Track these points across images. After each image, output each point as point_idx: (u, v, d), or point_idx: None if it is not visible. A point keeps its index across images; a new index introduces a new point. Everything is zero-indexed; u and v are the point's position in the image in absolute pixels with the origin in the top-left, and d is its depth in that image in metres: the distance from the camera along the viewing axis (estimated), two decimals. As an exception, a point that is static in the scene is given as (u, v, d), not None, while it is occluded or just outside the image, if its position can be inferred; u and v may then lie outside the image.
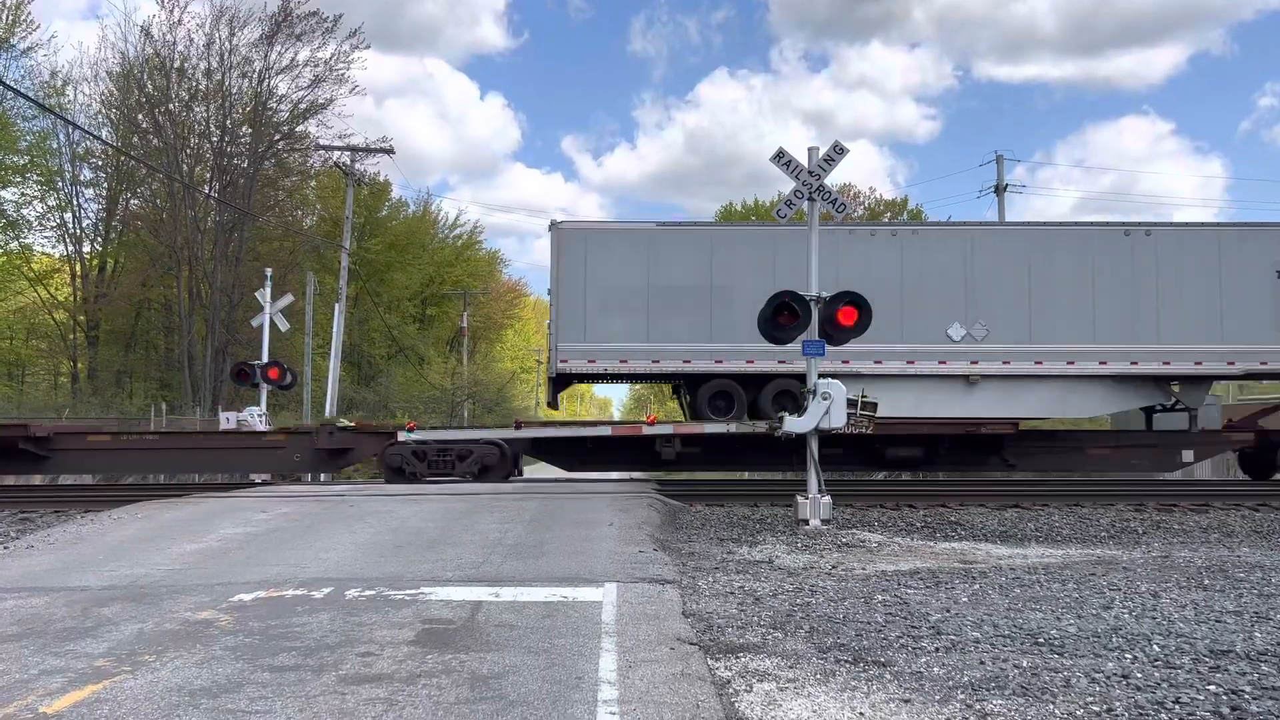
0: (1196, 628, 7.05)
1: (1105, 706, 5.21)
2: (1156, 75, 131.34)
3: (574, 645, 6.23)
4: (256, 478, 20.33)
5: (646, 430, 18.11)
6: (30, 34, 36.66)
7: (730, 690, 5.49)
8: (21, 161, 36.02)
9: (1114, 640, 6.67)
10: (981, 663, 6.06)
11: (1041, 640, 6.66)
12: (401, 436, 17.76)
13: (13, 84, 34.08)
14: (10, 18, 36.02)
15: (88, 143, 37.47)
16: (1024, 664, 6.03)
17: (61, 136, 37.74)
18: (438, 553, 9.80)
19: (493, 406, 51.59)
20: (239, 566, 9.19)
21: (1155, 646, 6.49)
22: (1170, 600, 8.12)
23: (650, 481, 18.68)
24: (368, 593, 7.86)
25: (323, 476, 22.35)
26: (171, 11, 37.39)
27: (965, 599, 8.18)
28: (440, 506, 13.51)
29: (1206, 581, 9.04)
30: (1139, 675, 5.79)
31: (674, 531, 12.47)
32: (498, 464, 17.98)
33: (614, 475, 19.06)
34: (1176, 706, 5.20)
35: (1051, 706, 5.22)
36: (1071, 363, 18.47)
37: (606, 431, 18.65)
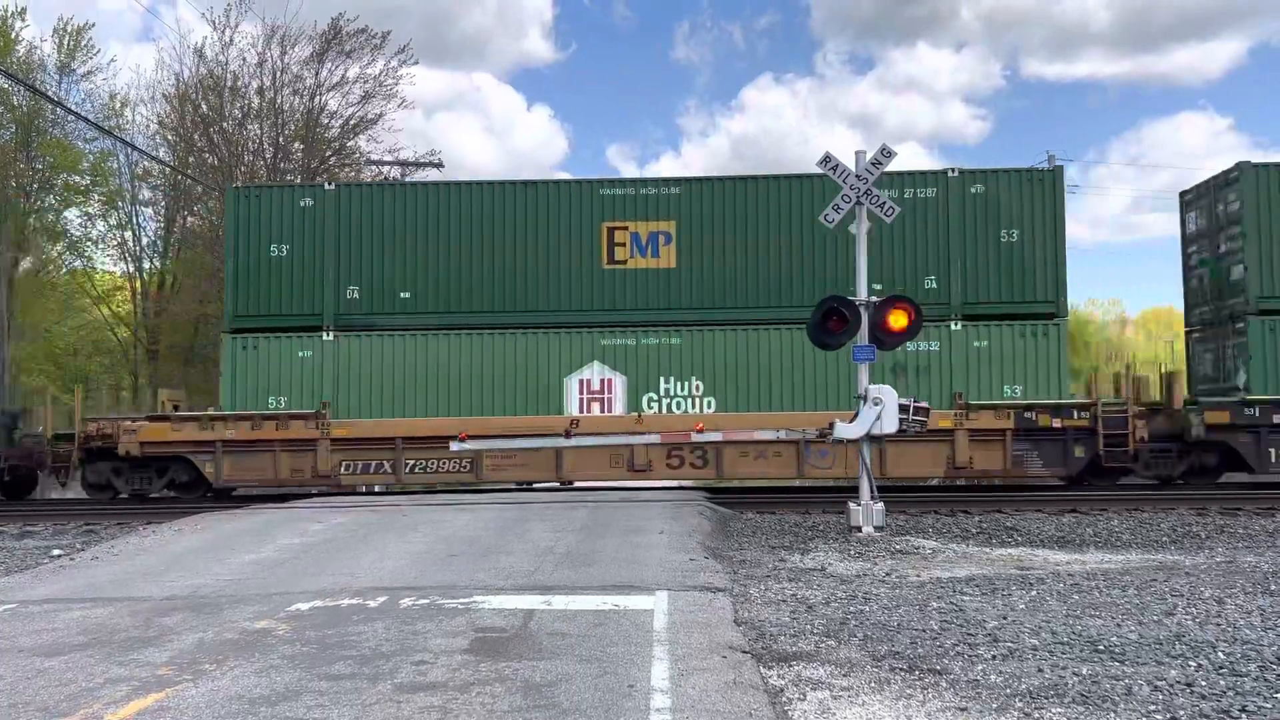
0: (1263, 634, 6.87)
1: (1169, 715, 5.10)
2: (1215, 69, 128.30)
3: (626, 653, 6.24)
4: (313, 488, 20.58)
5: (695, 437, 18.08)
6: (90, 59, 37.63)
7: (783, 699, 5.46)
8: (84, 182, 36.94)
9: (1177, 647, 6.52)
10: (1040, 670, 5.96)
11: (1101, 647, 6.53)
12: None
13: (74, 107, 35.04)
14: (72, 43, 37.00)
15: (146, 163, 38.35)
16: (1084, 671, 5.92)
17: (121, 157, 38.67)
18: (490, 561, 9.87)
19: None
20: (296, 576, 9.33)
21: (1220, 654, 6.33)
22: (1235, 606, 7.92)
23: (700, 489, 18.64)
24: (421, 601, 7.94)
25: (376, 487, 22.57)
26: (223, 32, 38.17)
27: (1022, 605, 8.05)
28: (492, 515, 13.61)
29: (1273, 587, 8.80)
30: (1203, 683, 5.65)
31: (725, 539, 12.43)
32: None
33: (663, 483, 19.02)
34: (1243, 715, 5.08)
35: (1113, 715, 5.12)
36: None
37: (656, 439, 18.63)
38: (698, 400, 17.77)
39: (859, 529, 12.73)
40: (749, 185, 18.22)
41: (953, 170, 18.14)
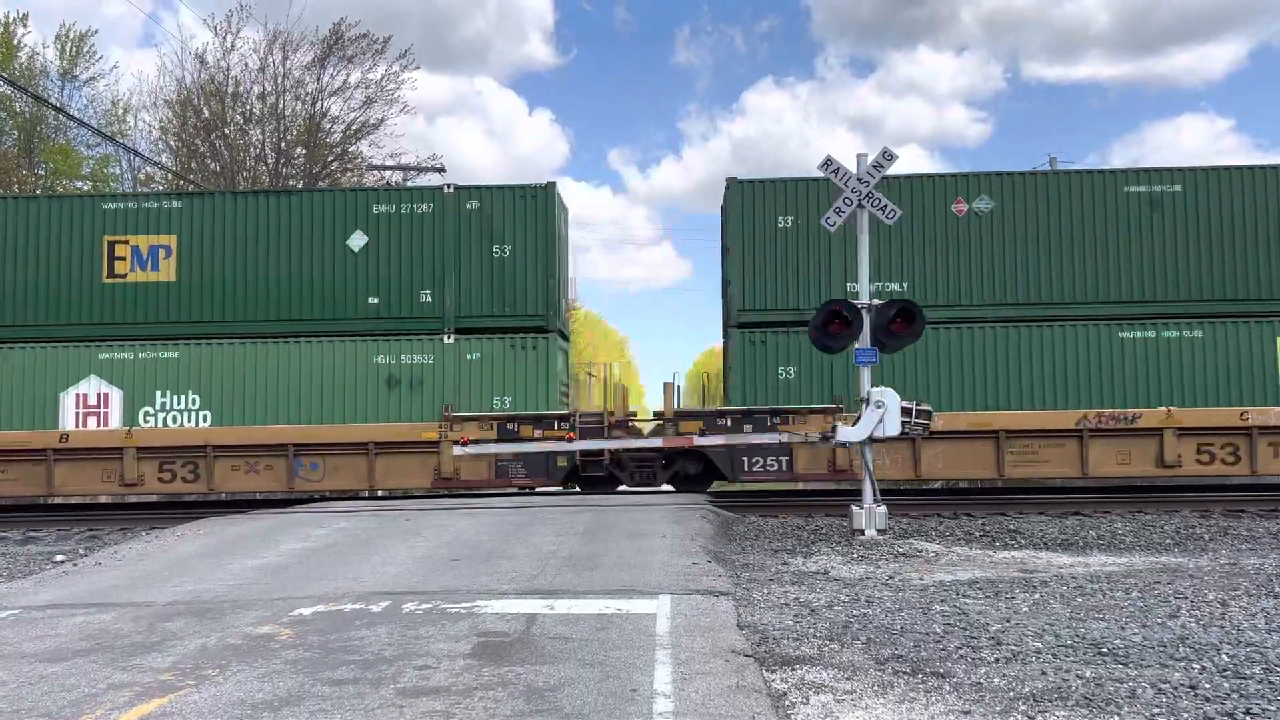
0: (1267, 636, 6.86)
1: (1173, 718, 5.09)
2: (1215, 71, 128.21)
3: (629, 658, 6.23)
4: (315, 493, 20.59)
5: (698, 442, 18.08)
6: (93, 65, 37.78)
7: (787, 703, 5.45)
8: (84, 187, 37.03)
9: (1181, 650, 6.51)
10: (1043, 673, 5.95)
11: (1105, 650, 6.52)
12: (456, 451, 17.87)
13: (76, 113, 35.14)
14: (74, 49, 37.12)
15: (149, 169, 38.44)
16: (1087, 674, 5.91)
17: (124, 163, 38.81)
18: (493, 566, 9.87)
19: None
20: (298, 581, 9.34)
21: (1224, 656, 6.32)
22: (1239, 609, 7.91)
23: (703, 493, 18.62)
24: (424, 606, 7.94)
25: (379, 493, 22.57)
26: (225, 38, 38.22)
27: (1026, 608, 8.04)
28: (495, 520, 13.61)
29: (1277, 589, 8.79)
30: (1207, 686, 5.64)
31: (727, 543, 12.42)
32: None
33: (666, 487, 19.01)
34: (1247, 718, 5.07)
35: (1116, 718, 5.11)
36: None
37: (658, 443, 18.63)
38: (194, 414, 17.79)
39: (862, 532, 12.72)
40: (251, 200, 18.43)
41: (448, 187, 18.47)
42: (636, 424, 18.48)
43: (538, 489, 18.61)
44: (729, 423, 17.37)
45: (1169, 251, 17.49)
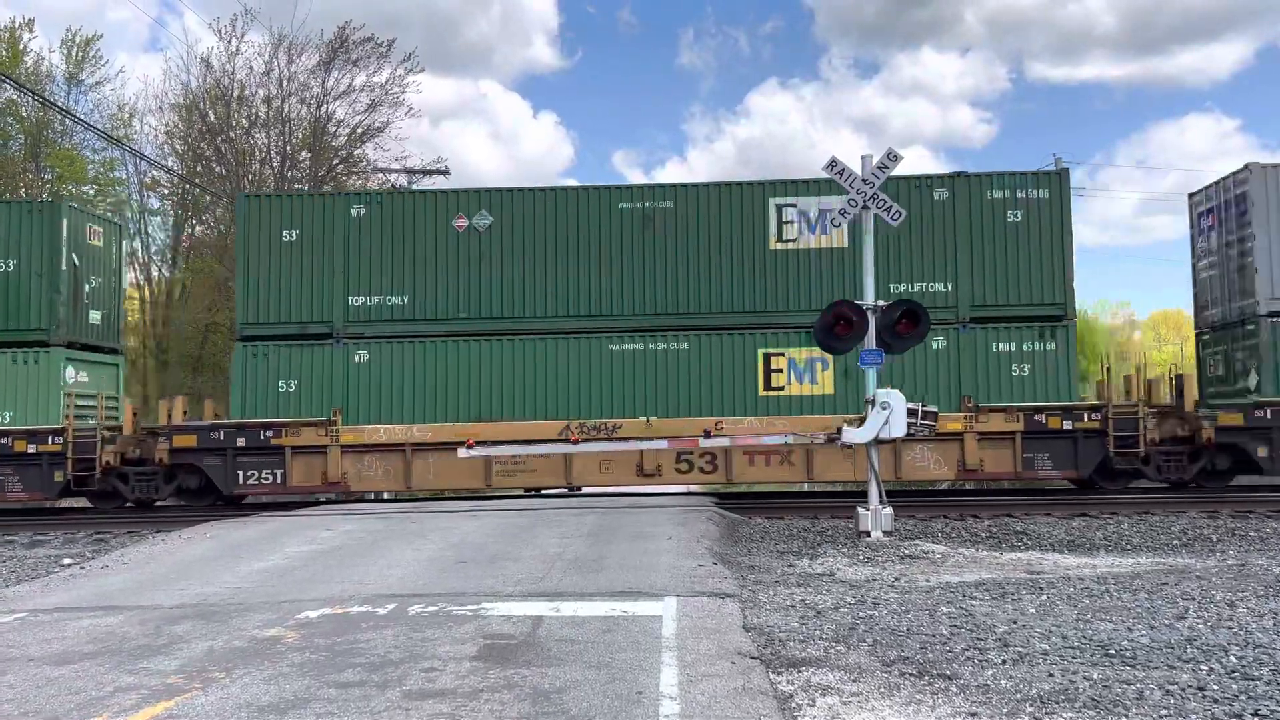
0: (1276, 638, 6.83)
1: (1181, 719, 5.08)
2: (1221, 71, 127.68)
3: (634, 660, 6.23)
4: (321, 495, 20.61)
5: (704, 443, 18.05)
6: (99, 69, 37.92)
7: (793, 705, 5.44)
8: (90, 191, 37.13)
9: (1188, 651, 6.49)
10: (1050, 675, 5.93)
11: (1113, 651, 6.50)
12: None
13: (83, 117, 35.23)
14: (80, 54, 37.26)
15: (154, 172, 38.55)
16: (1094, 676, 5.89)
17: (130, 166, 38.92)
18: (498, 568, 9.87)
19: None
20: (305, 584, 9.35)
21: (1232, 657, 6.30)
22: (1247, 610, 7.88)
23: (708, 494, 18.62)
24: (430, 609, 7.94)
25: (384, 495, 22.56)
26: (230, 42, 38.31)
27: (1032, 610, 8.02)
28: (500, 522, 13.62)
29: (1285, 590, 8.76)
30: (1215, 687, 5.63)
31: (733, 544, 12.41)
32: None
33: (672, 489, 19.00)
34: (1255, 719, 5.05)
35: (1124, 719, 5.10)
36: None
37: (663, 445, 18.59)
38: None
39: (868, 534, 12.70)
40: None
41: None
42: (155, 438, 18.11)
43: (47, 504, 18.60)
44: (222, 435, 17.50)
45: (660, 266, 17.83)
